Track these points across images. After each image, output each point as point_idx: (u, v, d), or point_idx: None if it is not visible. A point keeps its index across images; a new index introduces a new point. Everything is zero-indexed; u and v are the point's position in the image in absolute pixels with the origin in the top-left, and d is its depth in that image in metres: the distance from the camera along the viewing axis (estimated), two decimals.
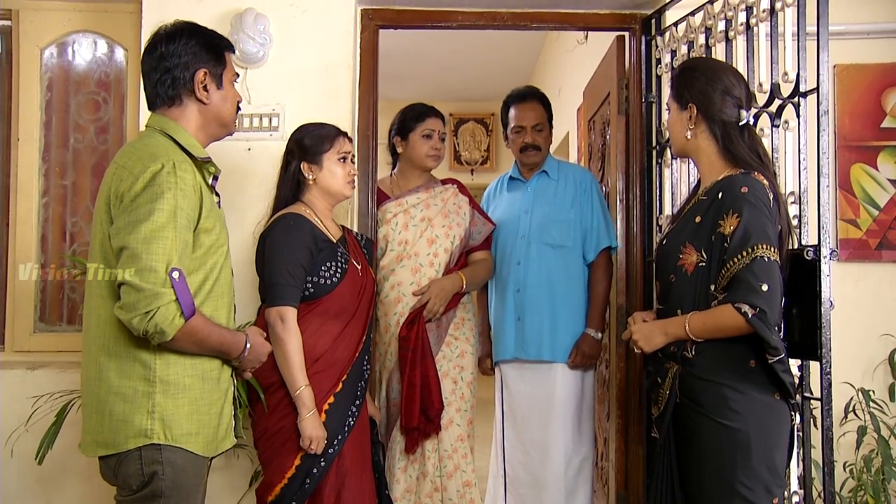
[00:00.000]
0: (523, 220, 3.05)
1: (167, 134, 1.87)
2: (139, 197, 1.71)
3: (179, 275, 1.69)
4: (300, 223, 2.31)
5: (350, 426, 2.28)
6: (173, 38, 1.89)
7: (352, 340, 2.32)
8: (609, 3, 2.96)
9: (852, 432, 2.81)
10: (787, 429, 1.93)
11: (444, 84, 7.25)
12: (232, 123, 2.00)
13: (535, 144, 3.07)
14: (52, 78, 3.07)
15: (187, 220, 1.75)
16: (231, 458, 2.63)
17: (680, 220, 2.08)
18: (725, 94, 2.01)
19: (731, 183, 1.93)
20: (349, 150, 2.43)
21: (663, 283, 2.07)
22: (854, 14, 2.96)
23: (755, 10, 2.33)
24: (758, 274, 1.83)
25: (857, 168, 3.00)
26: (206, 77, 1.90)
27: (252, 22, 2.71)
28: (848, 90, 3.01)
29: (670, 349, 1.99)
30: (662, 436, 2.00)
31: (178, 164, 1.76)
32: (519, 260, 3.00)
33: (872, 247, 2.99)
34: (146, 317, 1.66)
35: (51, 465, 2.54)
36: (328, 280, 2.29)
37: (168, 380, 1.77)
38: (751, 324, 1.82)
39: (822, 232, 2.05)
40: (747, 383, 1.89)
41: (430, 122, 2.93)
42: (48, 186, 3.06)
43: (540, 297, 2.94)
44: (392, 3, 2.97)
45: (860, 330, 2.90)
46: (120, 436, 1.76)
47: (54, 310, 3.05)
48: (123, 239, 1.70)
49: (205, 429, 1.84)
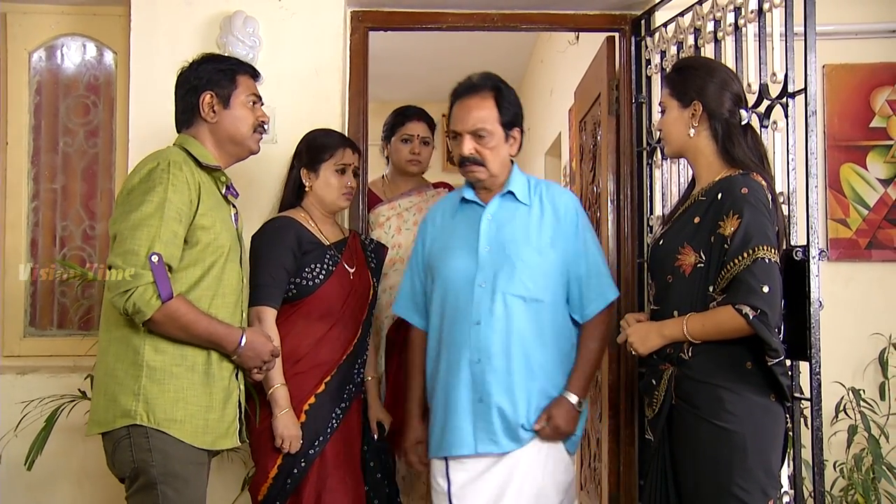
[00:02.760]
0: (483, 260, 2.17)
1: (183, 147, 2.03)
2: (134, 190, 1.88)
3: (159, 259, 1.82)
4: (286, 225, 2.34)
5: (333, 427, 2.29)
6: (189, 67, 2.09)
7: (338, 343, 2.34)
8: (599, 4, 2.98)
9: (843, 431, 2.83)
10: (782, 431, 1.94)
11: (436, 85, 7.20)
12: (247, 142, 2.11)
13: (475, 158, 2.18)
14: (40, 81, 3.08)
15: (177, 213, 1.88)
16: (224, 462, 2.64)
17: (676, 220, 2.07)
18: (727, 93, 2.01)
19: (731, 184, 1.93)
20: (350, 162, 2.44)
21: (659, 284, 2.06)
22: (843, 14, 2.98)
23: (743, 10, 2.35)
24: (759, 275, 1.83)
25: (846, 168, 3.03)
26: (213, 99, 2.05)
27: (241, 25, 2.72)
28: (837, 90, 3.04)
29: (666, 350, 1.99)
30: (657, 438, 2.00)
31: (174, 162, 1.91)
32: (478, 319, 2.13)
33: (862, 246, 3.01)
34: (125, 295, 1.80)
35: (41, 470, 2.54)
36: (310, 281, 2.31)
37: (154, 366, 1.88)
38: (752, 325, 1.81)
39: (810, 232, 2.06)
40: (744, 385, 1.89)
41: (408, 127, 2.95)
42: (38, 190, 3.07)
43: (508, 370, 2.11)
44: (382, 5, 2.98)
45: (850, 329, 2.92)
46: (109, 414, 1.88)
47: (45, 314, 3.05)
48: (115, 227, 1.88)
49: (192, 419, 1.91)
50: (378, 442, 2.52)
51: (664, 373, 1.98)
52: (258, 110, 2.12)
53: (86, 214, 3.07)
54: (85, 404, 2.53)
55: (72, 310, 3.05)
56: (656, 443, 2.01)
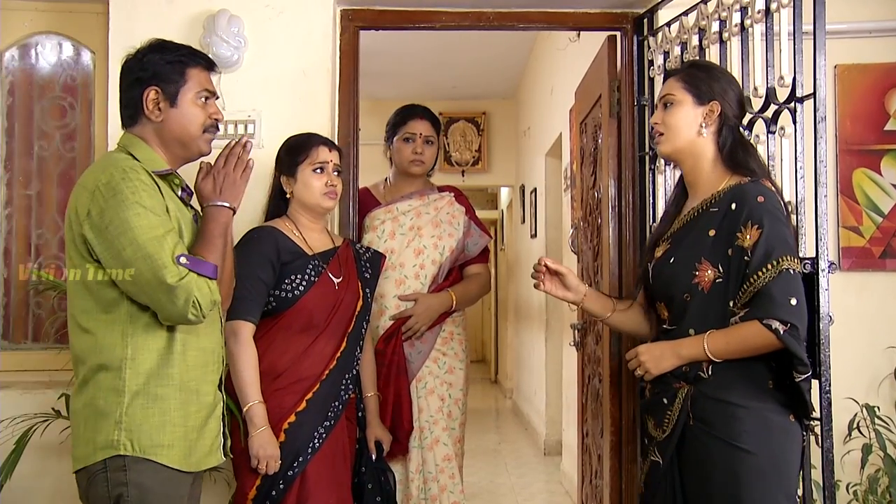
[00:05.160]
0: None
1: (127, 151, 1.89)
2: (106, 211, 1.75)
3: (186, 256, 1.77)
4: (264, 236, 2.32)
5: (315, 447, 2.25)
6: (134, 56, 1.94)
7: (321, 357, 2.30)
8: (600, 2, 2.94)
9: (857, 451, 2.78)
10: (800, 452, 1.91)
11: (433, 82, 7.22)
12: (195, 143, 1.96)
13: None
14: (13, 82, 3.03)
15: (163, 210, 1.81)
16: (208, 483, 2.60)
17: (682, 234, 2.03)
18: (740, 102, 2.04)
19: (745, 192, 1.91)
20: (326, 160, 2.39)
21: (676, 304, 2.00)
22: (855, 12, 2.94)
23: (750, 10, 2.31)
24: (785, 287, 1.81)
25: (859, 173, 2.98)
26: (158, 95, 1.90)
27: (225, 24, 2.68)
28: (849, 91, 2.99)
29: (682, 368, 1.94)
30: (666, 460, 1.96)
31: (128, 169, 1.80)
32: None
33: (876, 255, 2.97)
34: (187, 307, 1.75)
35: (11, 494, 2.49)
36: (290, 293, 2.28)
37: (137, 390, 1.79)
38: (782, 340, 1.78)
39: (820, 244, 2.02)
40: (764, 405, 1.87)
41: (410, 125, 2.92)
42: (11, 197, 3.02)
43: None
44: (373, 3, 2.94)
45: (863, 343, 2.87)
46: (89, 448, 1.80)
47: (19, 327, 3.00)
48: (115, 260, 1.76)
49: (180, 441, 1.84)
50: (377, 463, 2.48)
51: (679, 392, 1.94)
52: (211, 107, 1.97)
53: (62, 222, 3.02)
54: (59, 423, 2.49)
55: (47, 322, 2.99)
56: (666, 465, 1.97)
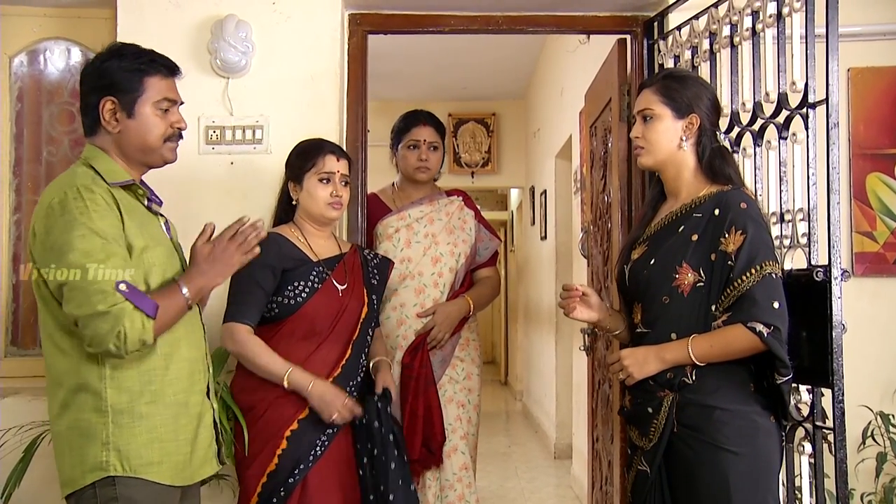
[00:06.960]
0: None
1: (89, 163, 1.88)
2: (53, 230, 1.74)
3: (126, 285, 1.72)
4: (267, 242, 2.32)
5: (317, 455, 2.27)
6: (92, 63, 1.91)
7: (324, 364, 2.32)
8: (609, 5, 2.97)
9: (871, 459, 2.79)
10: (780, 453, 1.99)
11: (443, 83, 7.25)
12: (157, 153, 1.93)
13: None
14: (22, 88, 3.07)
15: (112, 236, 1.76)
16: (214, 490, 2.64)
17: (660, 237, 2.07)
18: (715, 108, 2.11)
19: (728, 199, 1.97)
20: (333, 170, 2.40)
21: (652, 307, 2.04)
22: (869, 15, 2.96)
23: (761, 14, 2.33)
24: (768, 292, 1.87)
25: (872, 177, 3.00)
26: (115, 106, 1.87)
27: (233, 29, 2.71)
28: (863, 95, 3.01)
29: (666, 375, 1.97)
30: (654, 469, 1.99)
31: (83, 187, 1.77)
32: None
33: (890, 261, 2.98)
34: (112, 339, 1.69)
35: (20, 502, 2.53)
36: (292, 300, 2.31)
37: (120, 408, 1.79)
38: (766, 342, 1.84)
39: (832, 251, 2.04)
40: (750, 407, 1.93)
41: (414, 132, 2.93)
42: (20, 202, 3.05)
43: None
44: (381, 7, 2.97)
45: (877, 349, 2.89)
46: (76, 472, 1.79)
47: (27, 333, 3.04)
48: (54, 278, 1.73)
49: (170, 457, 1.84)
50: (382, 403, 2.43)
51: (664, 400, 1.97)
52: (173, 115, 1.92)
53: None
54: None
55: None
56: (654, 475, 2.00)
